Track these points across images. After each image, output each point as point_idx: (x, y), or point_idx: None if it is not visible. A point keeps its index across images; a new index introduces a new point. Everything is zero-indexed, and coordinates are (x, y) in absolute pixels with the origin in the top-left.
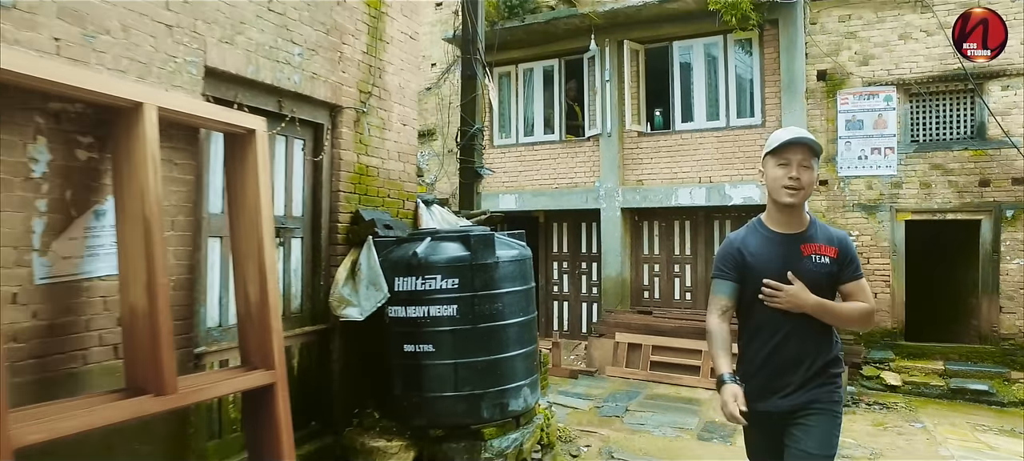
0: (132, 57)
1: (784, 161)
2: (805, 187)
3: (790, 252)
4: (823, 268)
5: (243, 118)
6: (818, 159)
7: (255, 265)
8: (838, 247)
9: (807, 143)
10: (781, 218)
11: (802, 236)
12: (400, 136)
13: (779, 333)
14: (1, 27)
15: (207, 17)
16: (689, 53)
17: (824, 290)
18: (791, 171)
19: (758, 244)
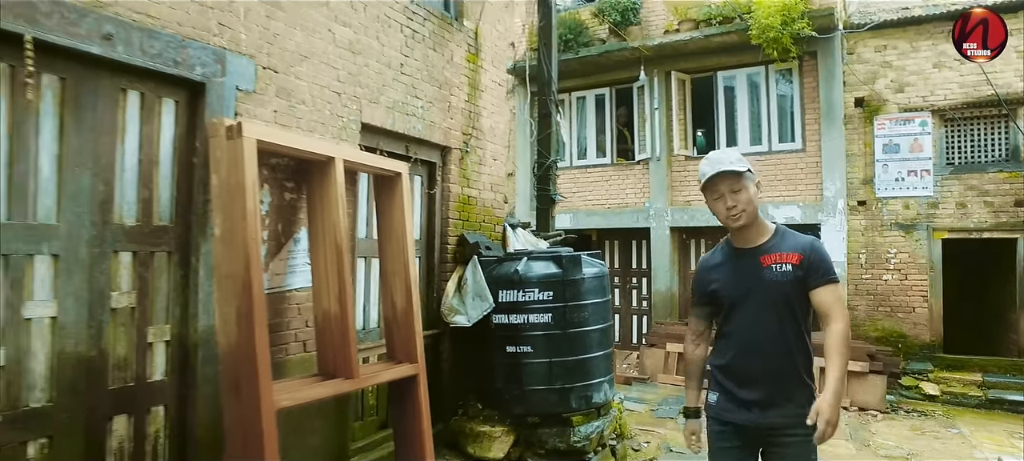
0: (317, 119)
1: (717, 195)
2: (744, 208)
3: (749, 265)
4: (785, 276)
5: (393, 164)
6: (748, 173)
7: (402, 280)
8: (802, 252)
9: (728, 172)
10: (740, 236)
11: (762, 248)
12: (492, 170)
13: (750, 345)
14: (245, 106)
15: (362, 84)
16: (733, 81)
17: (791, 301)
18: (726, 201)
19: (721, 263)
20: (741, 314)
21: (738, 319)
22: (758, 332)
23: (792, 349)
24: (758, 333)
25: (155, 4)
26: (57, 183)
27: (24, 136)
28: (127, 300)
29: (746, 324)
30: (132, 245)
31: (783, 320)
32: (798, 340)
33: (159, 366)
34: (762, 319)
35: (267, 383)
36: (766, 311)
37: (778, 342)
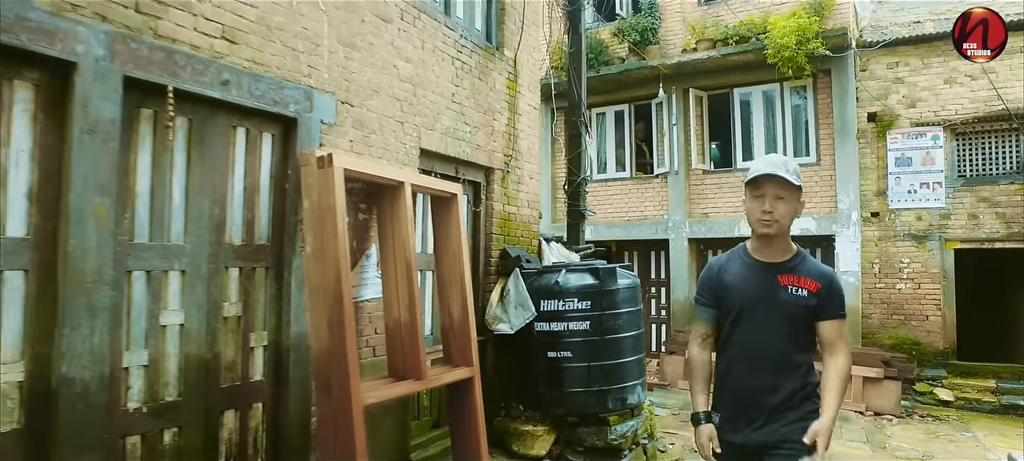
0: (384, 146)
1: (759, 193)
2: (780, 219)
3: (767, 280)
4: (800, 300)
5: (450, 186)
6: (798, 190)
7: (458, 291)
8: (821, 282)
9: (780, 177)
10: (761, 247)
11: (782, 266)
12: (529, 188)
13: (753, 360)
14: (327, 137)
15: (420, 113)
16: (748, 98)
17: (798, 324)
18: (764, 204)
19: (737, 270)
20: (748, 324)
21: (744, 329)
22: (764, 346)
23: (796, 368)
24: (764, 347)
25: (260, 52)
26: (185, 209)
27: (162, 170)
28: (235, 310)
29: (752, 336)
30: (239, 262)
31: (789, 340)
32: (801, 362)
33: (258, 368)
34: (769, 333)
35: (356, 383)
36: (774, 327)
37: (783, 359)
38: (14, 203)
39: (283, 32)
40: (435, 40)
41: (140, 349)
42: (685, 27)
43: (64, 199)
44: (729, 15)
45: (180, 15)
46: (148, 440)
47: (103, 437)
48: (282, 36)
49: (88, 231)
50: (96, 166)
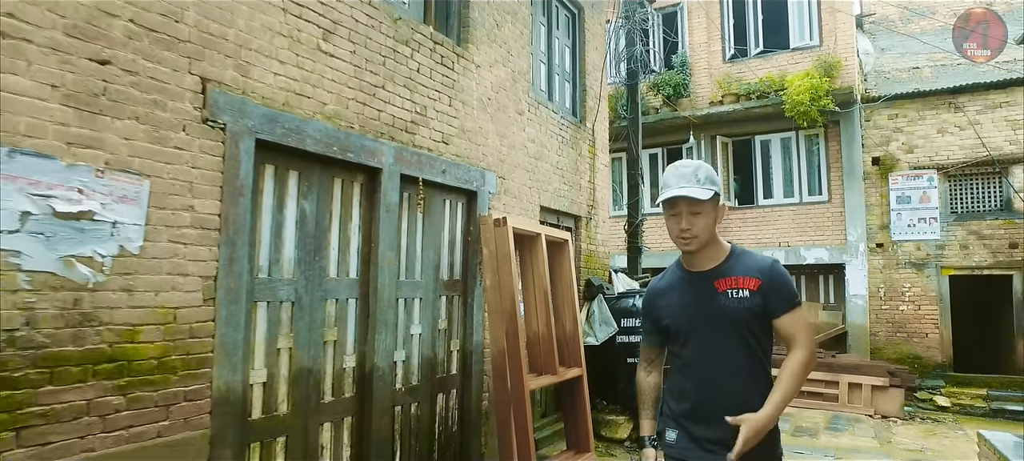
0: (521, 207)
1: (674, 212)
2: (699, 234)
3: (702, 291)
4: (742, 303)
5: (564, 234)
6: (713, 199)
7: (570, 311)
8: (760, 276)
9: (689, 198)
10: (692, 259)
11: (716, 272)
12: (603, 229)
13: (706, 381)
14: (492, 203)
15: (539, 180)
16: (768, 144)
17: (749, 329)
18: (681, 222)
19: (670, 288)
20: (694, 346)
21: (692, 351)
22: (714, 366)
23: (752, 383)
24: (714, 367)
25: (458, 148)
26: (421, 256)
27: (413, 232)
28: (443, 324)
29: (700, 357)
30: (446, 291)
31: (739, 352)
32: (758, 372)
33: (454, 365)
34: (718, 352)
35: (526, 375)
36: (721, 343)
37: (736, 376)
38: (352, 257)
39: (469, 132)
40: (548, 124)
41: (401, 349)
42: (712, 82)
43: (374, 253)
44: (750, 72)
45: (423, 131)
46: (405, 410)
47: (389, 404)
48: (469, 135)
49: (385, 274)
50: (389, 232)
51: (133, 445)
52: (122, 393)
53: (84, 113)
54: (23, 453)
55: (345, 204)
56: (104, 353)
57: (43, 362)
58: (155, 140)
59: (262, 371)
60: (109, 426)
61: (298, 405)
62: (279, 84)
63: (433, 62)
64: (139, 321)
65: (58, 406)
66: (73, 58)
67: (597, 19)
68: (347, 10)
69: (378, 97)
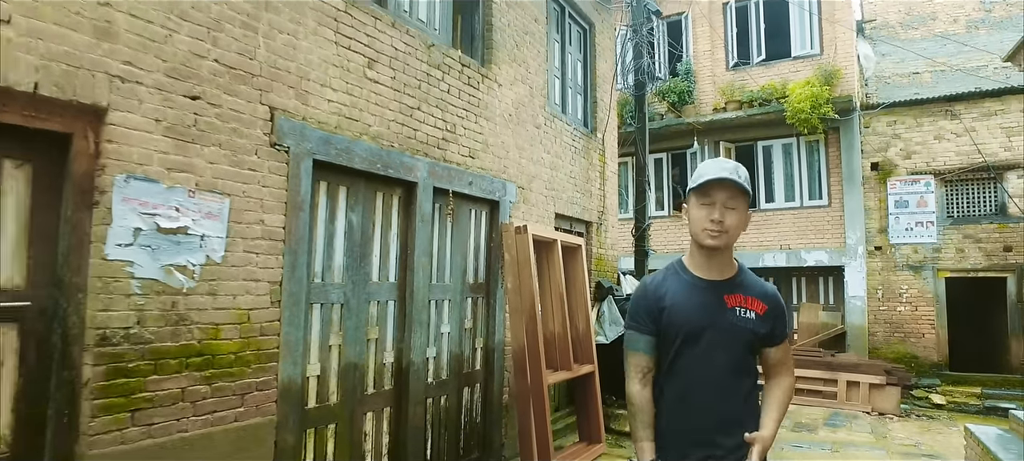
0: (538, 215)
1: (708, 201)
2: (729, 230)
3: (712, 302)
4: (747, 323)
5: (577, 240)
6: (748, 199)
7: (583, 311)
8: (768, 303)
9: (734, 182)
10: (704, 263)
11: (727, 284)
12: (611, 234)
13: (702, 394)
14: (512, 211)
15: (555, 189)
16: (770, 149)
17: (745, 349)
18: (714, 212)
19: (677, 291)
20: (693, 355)
21: (689, 360)
22: (713, 378)
23: (747, 402)
24: (713, 380)
25: (483, 161)
26: (450, 261)
27: (443, 239)
28: (469, 324)
29: (699, 367)
30: (472, 293)
31: (739, 370)
32: (751, 393)
33: (478, 361)
34: (718, 364)
35: (545, 369)
36: (722, 354)
37: (734, 393)
38: (391, 263)
39: (493, 147)
40: (562, 136)
41: (432, 346)
42: (716, 89)
43: (410, 260)
44: (753, 80)
45: (453, 147)
46: (435, 401)
47: (422, 397)
48: (492, 149)
49: (419, 278)
50: (423, 240)
51: (217, 428)
52: (208, 383)
53: (179, 142)
54: (137, 432)
55: (385, 215)
56: (194, 348)
57: (149, 355)
58: (234, 163)
59: (316, 365)
60: (198, 411)
61: (346, 396)
62: (332, 109)
63: (461, 83)
64: (221, 321)
65: (160, 393)
66: (172, 96)
67: (607, 33)
68: (388, 40)
69: (414, 117)
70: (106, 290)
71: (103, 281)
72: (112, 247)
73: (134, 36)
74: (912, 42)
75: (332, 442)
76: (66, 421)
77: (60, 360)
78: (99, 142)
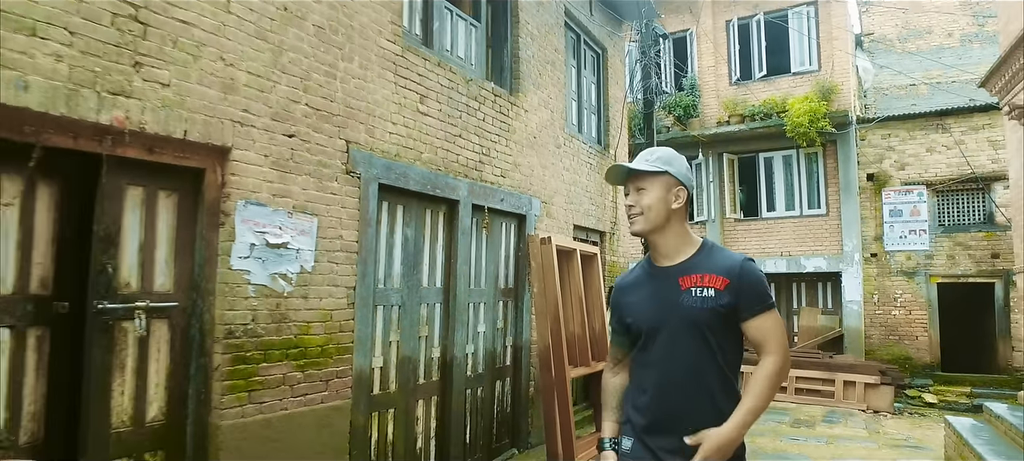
0: (558, 226)
1: (625, 191)
2: (645, 211)
3: (666, 287)
4: (706, 302)
5: (594, 249)
6: (662, 175)
7: (599, 313)
8: (728, 275)
9: (630, 169)
10: (655, 251)
11: (681, 267)
12: (623, 243)
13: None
14: (537, 224)
15: (573, 202)
16: (771, 160)
17: (712, 332)
18: (628, 199)
19: (636, 282)
20: (656, 349)
21: (653, 354)
22: (674, 371)
23: (712, 393)
24: (674, 372)
25: (513, 180)
26: (485, 269)
27: (479, 249)
28: (501, 324)
29: (661, 360)
30: (503, 297)
31: (700, 357)
32: (721, 382)
33: (508, 358)
34: (676, 355)
35: (566, 365)
36: (680, 345)
37: (696, 384)
38: (438, 270)
39: (520, 166)
40: (579, 153)
41: (470, 344)
42: (719, 103)
43: (452, 266)
44: (755, 95)
45: (488, 168)
46: (473, 392)
47: (463, 387)
48: (521, 168)
49: (461, 283)
50: (464, 250)
51: (307, 408)
52: (301, 370)
53: (281, 172)
54: (252, 408)
55: (433, 229)
56: (292, 342)
57: (260, 347)
58: (320, 188)
59: (380, 358)
60: (294, 393)
61: (402, 385)
62: (392, 140)
63: (494, 111)
64: (311, 319)
65: (268, 377)
66: (275, 135)
67: (618, 56)
68: (435, 78)
69: (457, 143)
70: (230, 294)
71: (228, 286)
72: (235, 259)
73: (249, 89)
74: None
75: (391, 424)
76: (202, 397)
77: (197, 349)
78: (224, 175)
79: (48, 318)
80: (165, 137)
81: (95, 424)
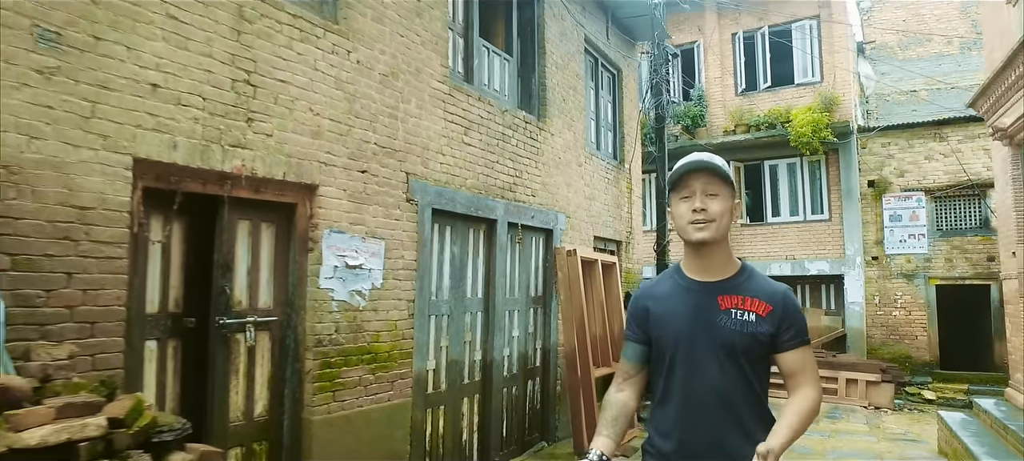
0: (581, 238)
1: (687, 193)
2: (716, 219)
3: (704, 304)
4: (746, 327)
5: (613, 258)
6: (731, 188)
7: (617, 317)
8: (774, 303)
9: (710, 167)
10: (697, 263)
11: (723, 285)
12: (638, 250)
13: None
14: (562, 237)
15: (593, 215)
16: (776, 168)
17: (749, 360)
18: (694, 202)
19: (667, 294)
20: (684, 368)
21: (680, 374)
22: (704, 394)
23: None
24: (705, 396)
25: (542, 198)
26: (517, 279)
27: (513, 262)
28: (531, 328)
29: (690, 382)
30: (533, 304)
31: (734, 382)
32: (754, 410)
33: (537, 360)
34: (710, 378)
35: (590, 365)
36: (714, 368)
37: (729, 409)
38: (479, 282)
39: (547, 185)
40: (598, 169)
41: (507, 347)
42: (726, 113)
43: (491, 278)
44: (759, 105)
45: (520, 188)
46: (509, 391)
47: (500, 387)
48: (548, 186)
49: (498, 292)
50: (501, 263)
51: (377, 405)
52: (372, 373)
53: (356, 203)
54: (336, 405)
55: (475, 245)
56: (365, 349)
57: (342, 354)
58: (386, 215)
59: (433, 361)
60: (367, 392)
61: (451, 385)
62: (442, 169)
63: (525, 137)
64: (380, 329)
65: (348, 379)
66: (352, 172)
67: (631, 76)
68: (477, 111)
69: (495, 169)
70: (318, 309)
71: (316, 303)
72: (322, 280)
73: (331, 133)
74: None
75: (442, 420)
76: (297, 397)
77: (292, 356)
78: (313, 208)
79: (180, 331)
80: (268, 179)
81: (218, 419)
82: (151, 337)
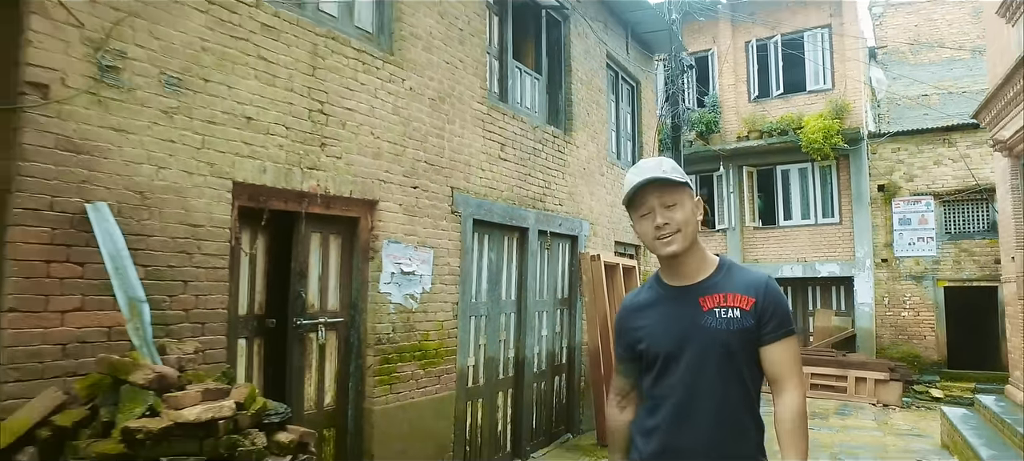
0: (603, 243)
1: (645, 210)
2: (681, 228)
3: (685, 309)
4: (732, 324)
5: (632, 262)
6: (687, 188)
7: None
8: (755, 295)
9: (659, 180)
10: (673, 270)
11: (702, 286)
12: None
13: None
14: (587, 243)
15: (614, 222)
16: (788, 173)
17: (738, 357)
18: (655, 219)
19: (649, 305)
20: (673, 376)
21: (670, 382)
22: (696, 401)
23: (740, 418)
24: (696, 402)
25: (568, 207)
26: (545, 283)
27: (542, 266)
28: (558, 328)
29: (680, 389)
30: (559, 306)
31: (726, 384)
32: (748, 410)
33: (563, 357)
34: (702, 381)
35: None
36: (707, 370)
37: (724, 409)
38: (512, 286)
39: (573, 195)
40: (618, 178)
41: (535, 345)
42: (739, 119)
43: (523, 282)
44: (772, 111)
45: (549, 199)
46: (538, 386)
47: (530, 382)
48: (573, 196)
49: (529, 295)
50: (532, 268)
51: (427, 398)
52: (423, 368)
53: (410, 216)
54: (392, 397)
55: (509, 252)
56: (417, 346)
57: (397, 351)
58: (434, 227)
59: (472, 358)
60: (418, 386)
61: (488, 380)
62: (482, 183)
63: (554, 151)
64: (429, 328)
65: (402, 374)
66: (406, 188)
67: (649, 87)
68: (511, 129)
69: (527, 181)
70: (377, 311)
71: (376, 305)
72: (382, 285)
73: (389, 154)
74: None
75: (480, 412)
76: (359, 389)
77: (355, 353)
78: (373, 221)
79: (263, 331)
80: (337, 196)
81: (295, 408)
82: (242, 336)
